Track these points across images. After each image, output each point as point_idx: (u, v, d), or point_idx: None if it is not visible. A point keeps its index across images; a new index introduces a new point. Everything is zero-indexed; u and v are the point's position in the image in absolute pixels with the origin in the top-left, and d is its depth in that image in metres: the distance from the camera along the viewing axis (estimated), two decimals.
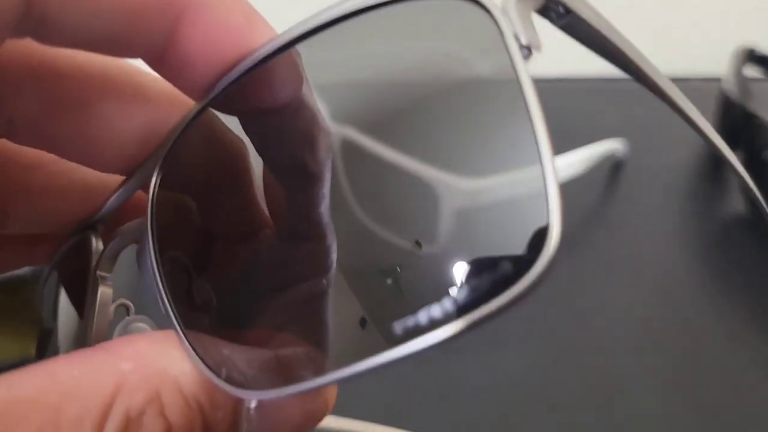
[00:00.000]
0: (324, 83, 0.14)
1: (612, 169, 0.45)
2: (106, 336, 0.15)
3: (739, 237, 0.40)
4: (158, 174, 0.14)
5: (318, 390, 0.12)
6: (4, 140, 0.15)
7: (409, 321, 0.11)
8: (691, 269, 0.38)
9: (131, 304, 0.15)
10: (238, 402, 0.11)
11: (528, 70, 0.11)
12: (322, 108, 0.14)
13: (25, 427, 0.10)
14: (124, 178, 0.16)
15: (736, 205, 0.42)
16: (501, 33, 0.11)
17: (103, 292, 0.15)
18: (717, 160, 0.46)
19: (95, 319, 0.15)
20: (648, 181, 0.44)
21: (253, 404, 0.11)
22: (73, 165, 0.16)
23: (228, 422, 0.11)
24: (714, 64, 0.62)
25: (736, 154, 0.43)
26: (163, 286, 0.13)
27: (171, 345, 0.11)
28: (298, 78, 0.14)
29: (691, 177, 0.45)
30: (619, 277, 0.37)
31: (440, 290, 0.11)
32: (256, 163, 0.15)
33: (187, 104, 0.14)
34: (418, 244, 0.13)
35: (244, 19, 0.13)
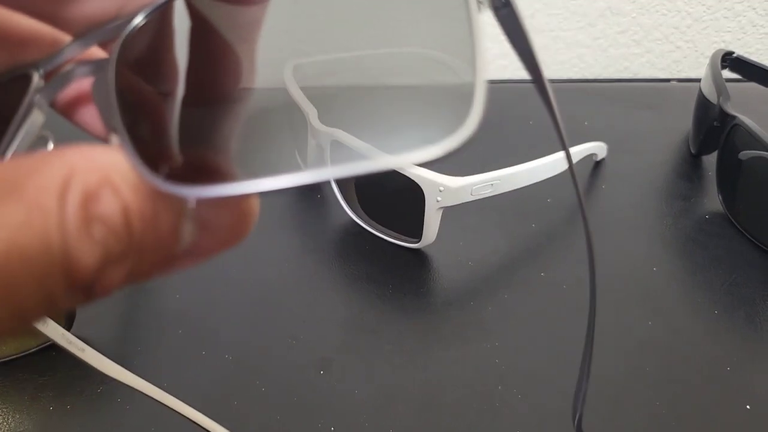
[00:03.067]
0: None
1: (593, 167, 0.46)
2: None
3: (716, 233, 0.41)
4: (128, 31, 0.14)
5: (247, 197, 0.13)
6: None
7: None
8: (669, 264, 0.39)
9: (51, 138, 0.15)
10: (179, 202, 0.12)
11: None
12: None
13: None
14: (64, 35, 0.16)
15: (711, 202, 0.43)
16: None
17: (35, 118, 0.15)
18: (693, 161, 0.47)
19: (14, 145, 0.14)
20: (628, 180, 0.45)
21: (191, 204, 0.12)
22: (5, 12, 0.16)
23: (171, 219, 0.12)
24: (693, 67, 0.63)
25: (713, 154, 0.45)
26: (118, 103, 0.13)
27: (113, 149, 0.12)
28: None
29: (668, 176, 0.46)
30: (599, 274, 0.38)
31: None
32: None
33: None
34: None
35: None
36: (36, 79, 0.15)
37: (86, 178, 0.11)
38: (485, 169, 0.36)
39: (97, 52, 0.17)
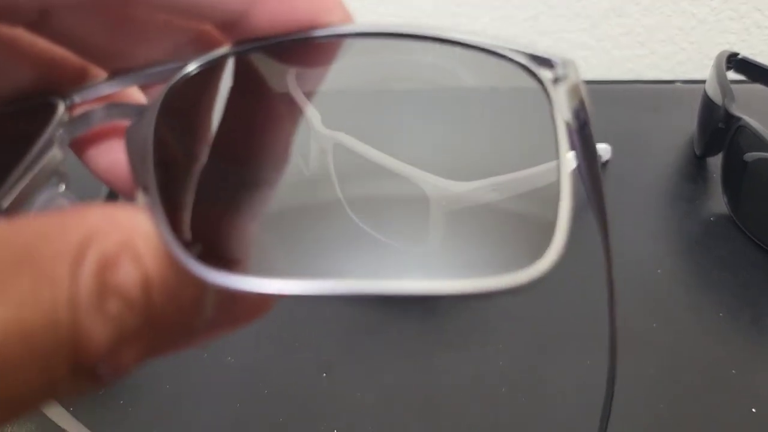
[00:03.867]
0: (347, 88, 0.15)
1: None
2: (26, 199, 0.13)
3: (720, 235, 0.40)
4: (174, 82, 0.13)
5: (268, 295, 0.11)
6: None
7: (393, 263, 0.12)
8: (673, 266, 0.38)
9: (67, 176, 0.14)
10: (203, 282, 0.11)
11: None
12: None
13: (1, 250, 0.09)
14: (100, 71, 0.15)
15: (718, 204, 0.42)
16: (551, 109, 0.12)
17: (54, 154, 0.14)
18: (698, 163, 0.47)
19: (29, 178, 0.13)
20: (632, 181, 0.45)
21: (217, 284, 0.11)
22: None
23: (195, 294, 0.11)
24: (698, 68, 0.63)
25: (718, 156, 0.44)
26: (153, 161, 0.12)
27: (138, 210, 0.11)
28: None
29: (672, 178, 0.46)
30: (603, 276, 0.37)
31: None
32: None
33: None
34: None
35: (320, 4, 0.14)
36: (61, 110, 0.14)
37: (105, 242, 0.10)
38: (489, 173, 0.36)
39: (130, 95, 0.16)
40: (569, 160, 0.12)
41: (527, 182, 0.13)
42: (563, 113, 0.12)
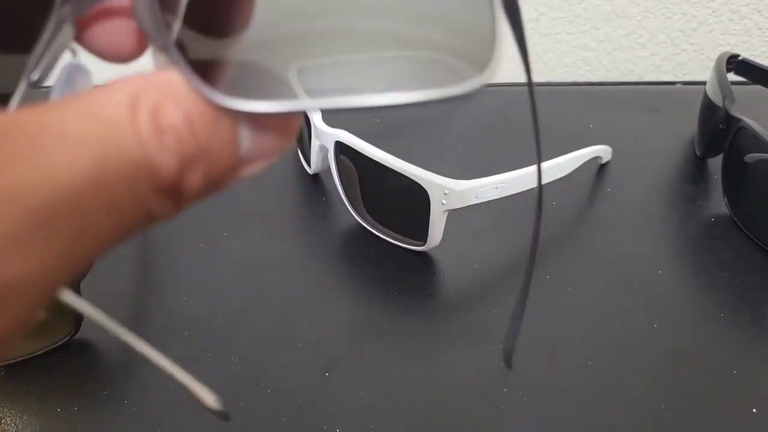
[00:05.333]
0: None
1: (597, 172, 0.46)
2: (50, 71, 0.15)
3: (721, 236, 0.41)
4: None
5: (294, 115, 0.14)
6: None
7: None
8: (674, 267, 0.38)
9: (76, 50, 0.16)
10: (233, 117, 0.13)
11: None
12: None
13: (58, 120, 0.12)
14: None
15: (719, 205, 0.43)
16: None
17: (66, 32, 0.15)
18: (699, 164, 0.47)
19: (50, 53, 0.15)
20: (633, 183, 0.45)
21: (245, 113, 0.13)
22: None
23: (229, 124, 0.13)
24: (699, 69, 0.63)
25: (719, 157, 0.44)
26: (162, 22, 0.14)
27: (166, 70, 0.13)
28: None
29: (673, 179, 0.46)
30: (604, 277, 0.38)
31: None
32: None
33: None
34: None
35: None
36: None
37: (149, 94, 0.12)
38: (490, 172, 0.36)
39: None
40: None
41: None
42: None
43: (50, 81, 0.16)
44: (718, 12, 0.60)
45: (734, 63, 0.48)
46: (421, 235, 0.38)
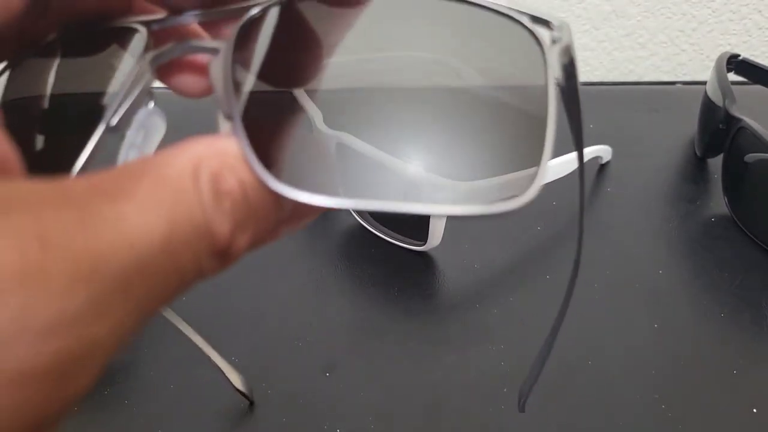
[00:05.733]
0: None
1: (598, 170, 0.46)
2: (130, 117, 0.16)
3: (721, 235, 0.41)
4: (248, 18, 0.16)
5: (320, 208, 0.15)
6: None
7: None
8: (674, 267, 0.38)
9: (154, 95, 0.17)
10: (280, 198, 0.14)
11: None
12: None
13: (132, 184, 0.12)
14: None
15: (719, 205, 0.43)
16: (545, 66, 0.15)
17: (149, 77, 0.16)
18: (699, 164, 0.47)
19: (131, 99, 0.16)
20: (633, 182, 0.45)
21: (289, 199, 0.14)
22: None
23: (275, 197, 0.14)
24: (699, 69, 0.63)
25: (719, 157, 0.44)
26: (233, 93, 0.15)
27: (226, 137, 0.14)
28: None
29: (673, 179, 0.46)
30: (604, 277, 0.38)
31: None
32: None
33: None
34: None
35: None
36: (145, 36, 0.17)
37: (210, 162, 0.13)
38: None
39: (195, 30, 0.19)
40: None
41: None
42: (555, 70, 0.15)
43: (127, 127, 0.16)
44: (718, 12, 0.60)
45: (734, 63, 0.48)
46: (422, 235, 0.38)
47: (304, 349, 0.34)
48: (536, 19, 0.16)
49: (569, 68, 0.16)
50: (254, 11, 0.16)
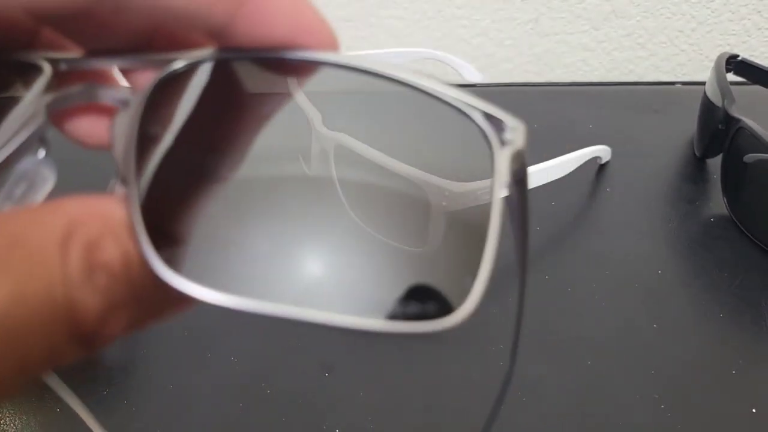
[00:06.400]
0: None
1: (597, 171, 0.46)
2: (10, 165, 0.14)
3: (721, 236, 0.41)
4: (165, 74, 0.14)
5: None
6: None
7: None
8: (674, 267, 0.38)
9: (48, 143, 0.15)
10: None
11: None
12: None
13: None
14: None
15: (718, 205, 0.43)
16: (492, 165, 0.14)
17: (43, 121, 0.14)
18: (698, 164, 0.47)
19: (16, 143, 0.14)
20: (633, 183, 0.45)
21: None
22: None
23: (159, 287, 0.12)
24: (698, 70, 0.63)
25: (718, 157, 0.44)
26: (134, 157, 0.13)
27: (112, 199, 0.12)
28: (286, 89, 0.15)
29: (672, 179, 0.46)
30: (604, 277, 0.38)
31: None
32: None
33: None
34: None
35: (300, 17, 0.14)
36: (48, 75, 0.15)
37: (88, 227, 0.11)
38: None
39: (108, 74, 0.17)
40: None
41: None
42: (503, 176, 0.14)
43: (7, 176, 0.14)
44: (717, 12, 0.60)
45: (733, 63, 0.48)
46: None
47: (304, 349, 0.34)
48: (489, 117, 0.14)
49: (520, 174, 0.14)
50: (179, 65, 0.14)
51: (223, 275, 0.13)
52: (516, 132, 0.14)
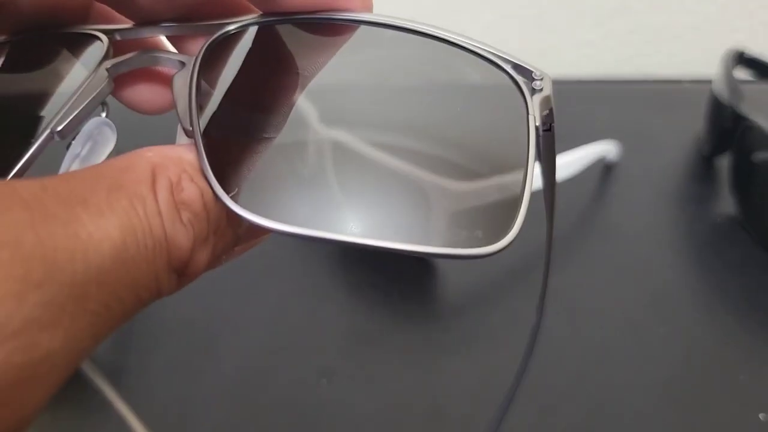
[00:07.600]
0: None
1: (604, 170, 0.45)
2: (77, 125, 0.16)
3: (729, 236, 0.40)
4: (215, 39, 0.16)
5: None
6: None
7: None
8: (683, 268, 0.38)
9: (108, 106, 0.16)
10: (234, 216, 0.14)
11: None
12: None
13: (86, 188, 0.12)
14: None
15: (726, 205, 0.42)
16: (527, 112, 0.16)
17: (106, 85, 0.16)
18: (706, 163, 0.46)
19: (82, 106, 0.15)
20: (640, 183, 0.44)
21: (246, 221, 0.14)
22: None
23: (225, 223, 0.14)
24: (705, 66, 0.62)
25: (726, 156, 0.44)
26: (194, 110, 0.14)
27: (182, 147, 0.14)
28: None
29: (680, 178, 0.45)
30: (611, 277, 0.37)
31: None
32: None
33: None
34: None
35: None
36: (106, 45, 0.17)
37: (168, 169, 0.13)
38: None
39: (159, 43, 0.19)
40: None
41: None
42: (536, 119, 0.16)
43: (73, 136, 0.16)
44: (724, 8, 0.59)
45: (741, 60, 0.47)
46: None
47: (301, 355, 0.33)
48: (519, 67, 0.16)
49: (548, 118, 0.16)
50: (229, 28, 0.16)
51: (286, 209, 0.14)
52: (544, 81, 0.16)
